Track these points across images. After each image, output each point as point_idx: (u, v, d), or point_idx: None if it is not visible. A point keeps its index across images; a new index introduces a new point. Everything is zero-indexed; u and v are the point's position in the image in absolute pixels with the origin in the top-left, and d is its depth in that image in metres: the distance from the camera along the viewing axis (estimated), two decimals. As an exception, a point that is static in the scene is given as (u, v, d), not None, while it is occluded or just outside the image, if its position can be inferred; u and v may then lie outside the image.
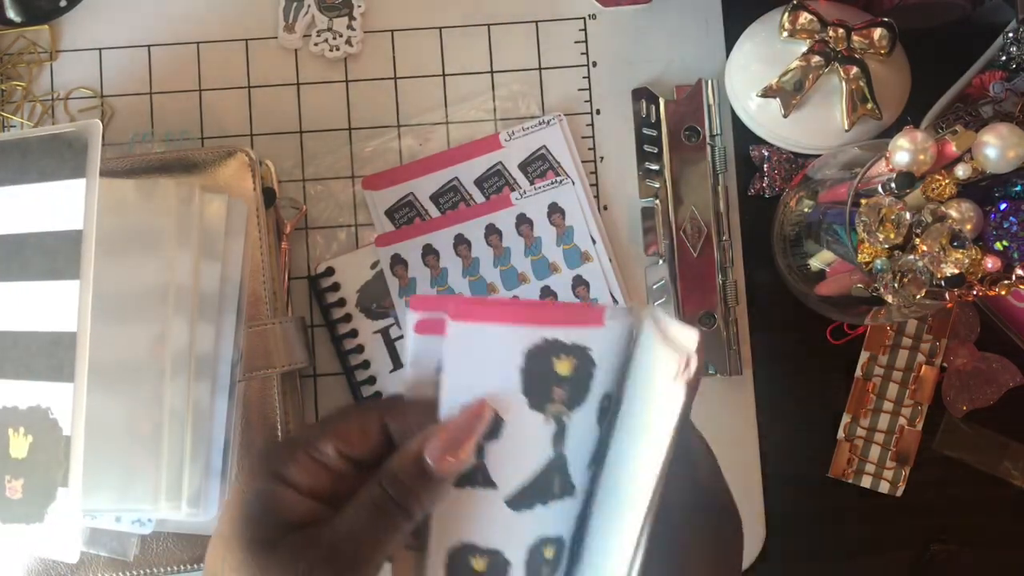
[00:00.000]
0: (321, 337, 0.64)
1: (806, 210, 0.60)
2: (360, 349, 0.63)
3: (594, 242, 0.64)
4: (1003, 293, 0.51)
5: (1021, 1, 0.59)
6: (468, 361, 0.37)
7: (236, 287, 0.58)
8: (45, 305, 0.46)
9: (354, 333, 0.63)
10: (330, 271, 0.64)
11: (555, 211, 0.64)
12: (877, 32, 0.62)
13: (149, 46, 0.66)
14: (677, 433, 0.35)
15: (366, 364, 0.63)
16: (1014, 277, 0.50)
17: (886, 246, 0.52)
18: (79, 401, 0.45)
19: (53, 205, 0.46)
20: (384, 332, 0.63)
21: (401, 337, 0.63)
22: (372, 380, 0.63)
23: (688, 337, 0.35)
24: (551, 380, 0.37)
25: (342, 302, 0.64)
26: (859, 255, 0.53)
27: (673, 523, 0.39)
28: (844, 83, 0.61)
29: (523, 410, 0.37)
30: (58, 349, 0.45)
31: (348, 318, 0.64)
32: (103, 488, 0.52)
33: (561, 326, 0.37)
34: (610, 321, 0.38)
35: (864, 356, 0.64)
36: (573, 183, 0.64)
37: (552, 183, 0.64)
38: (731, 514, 0.43)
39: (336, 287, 0.64)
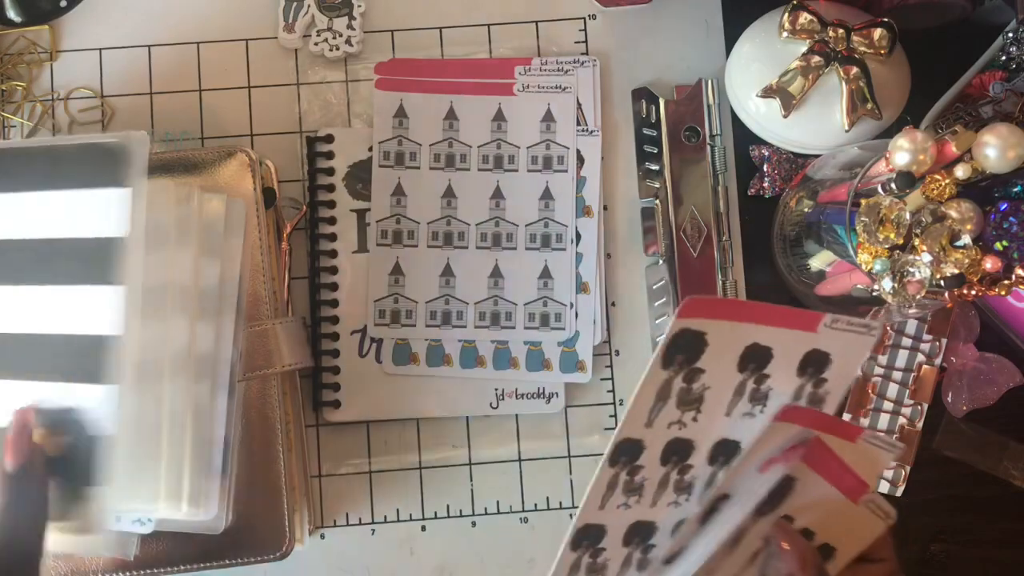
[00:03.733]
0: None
1: (806, 210, 0.60)
2: (333, 221, 0.64)
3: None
4: (1003, 293, 0.51)
5: (1021, 1, 0.59)
6: None
7: (235, 286, 0.58)
8: (77, 309, 0.47)
9: (332, 204, 0.65)
10: (329, 138, 0.65)
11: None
12: (877, 32, 0.62)
13: (149, 46, 0.66)
14: None
15: (333, 236, 0.64)
16: (1014, 277, 0.50)
17: (886, 246, 0.52)
18: (123, 402, 0.46)
19: (90, 212, 0.47)
20: (360, 213, 0.65)
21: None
22: (333, 253, 0.64)
23: None
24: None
25: (331, 171, 0.65)
26: (859, 255, 0.53)
27: None
28: (844, 83, 0.61)
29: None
30: (92, 352, 0.46)
31: (331, 188, 0.65)
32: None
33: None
34: None
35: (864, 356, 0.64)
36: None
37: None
38: None
39: (330, 155, 0.65)
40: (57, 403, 0.47)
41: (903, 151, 0.52)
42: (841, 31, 0.61)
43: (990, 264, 0.50)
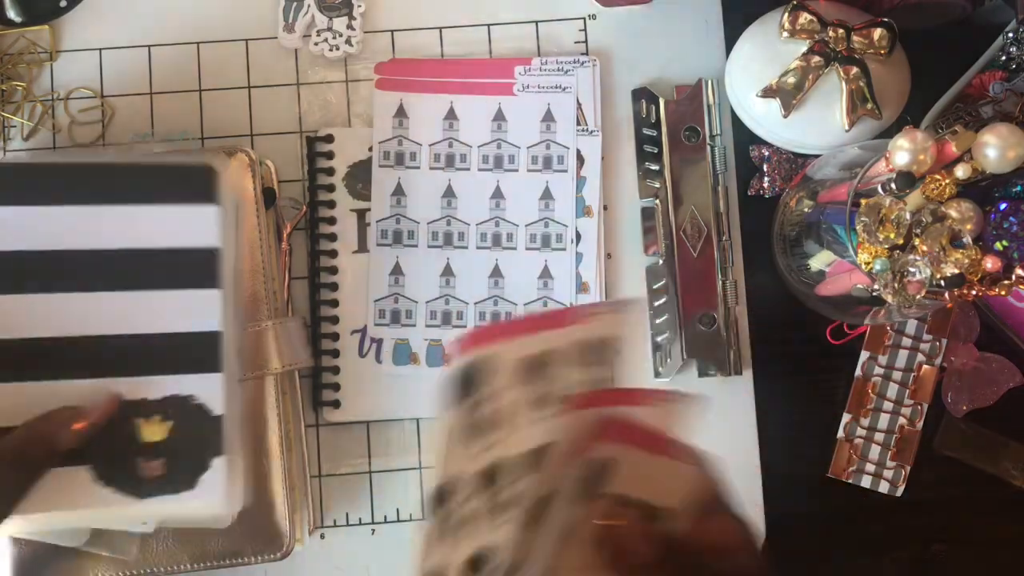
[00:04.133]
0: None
1: (806, 210, 0.60)
2: (333, 221, 0.64)
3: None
4: (1003, 293, 0.51)
5: (1021, 1, 0.60)
6: None
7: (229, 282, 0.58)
8: (183, 310, 0.53)
9: (332, 204, 0.64)
10: (329, 138, 0.65)
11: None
12: (877, 32, 0.62)
13: (149, 46, 0.66)
14: None
15: (333, 236, 0.64)
16: (1014, 277, 0.50)
17: (886, 246, 0.52)
18: (228, 386, 0.54)
19: (187, 225, 0.54)
20: (360, 213, 0.64)
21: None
22: (333, 253, 0.64)
23: None
24: None
25: (331, 171, 0.65)
26: (859, 255, 0.53)
27: None
28: (844, 83, 0.61)
29: None
30: (205, 346, 0.53)
31: (331, 188, 0.65)
32: None
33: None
34: None
35: (864, 356, 0.64)
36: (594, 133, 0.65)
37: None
38: None
39: (330, 155, 0.65)
40: (163, 394, 0.53)
41: (903, 151, 0.52)
42: (841, 31, 0.61)
43: (990, 264, 0.50)
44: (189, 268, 0.54)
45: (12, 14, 0.66)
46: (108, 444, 0.52)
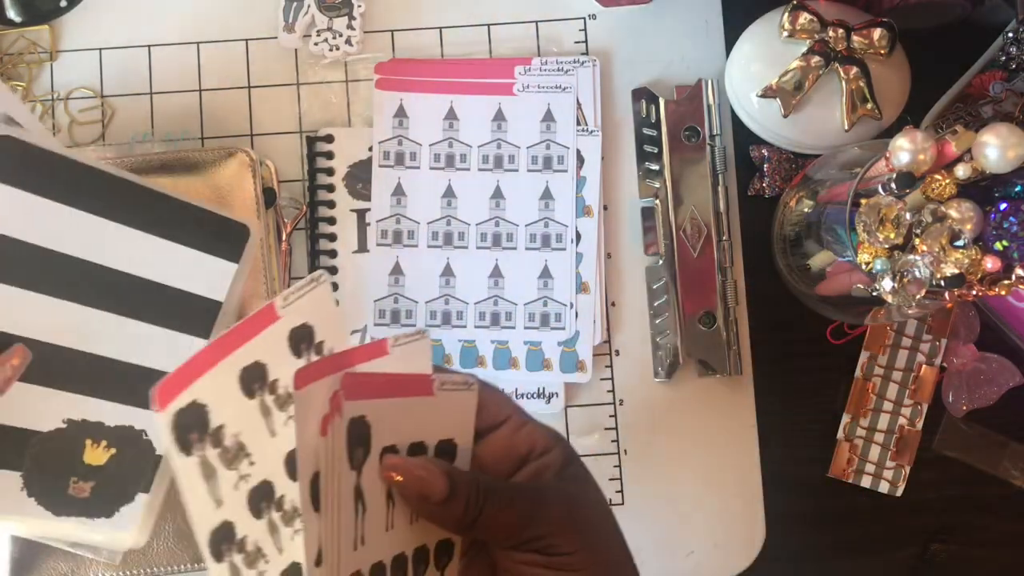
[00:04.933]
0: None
1: (806, 210, 0.60)
2: (333, 221, 0.65)
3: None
4: (1003, 293, 0.51)
5: (1021, 1, 0.59)
6: None
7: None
8: (165, 349, 0.54)
9: (332, 204, 0.65)
10: (329, 138, 0.65)
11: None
12: (877, 32, 0.62)
13: (149, 46, 0.66)
14: None
15: (333, 236, 0.64)
16: (1014, 277, 0.50)
17: (886, 246, 0.52)
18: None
19: (201, 273, 0.55)
20: (360, 213, 0.65)
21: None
22: (333, 253, 0.65)
23: None
24: None
25: (330, 171, 0.65)
26: (859, 255, 0.53)
27: None
28: (844, 83, 0.61)
29: None
30: None
31: (331, 188, 0.65)
32: None
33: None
34: None
35: (864, 356, 0.64)
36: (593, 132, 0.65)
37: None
38: None
39: (330, 155, 0.65)
40: (119, 422, 0.54)
41: (903, 151, 0.52)
42: (841, 31, 0.61)
43: (990, 264, 0.50)
44: (187, 313, 0.55)
45: (12, 14, 0.66)
46: (49, 457, 0.53)
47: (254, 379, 0.40)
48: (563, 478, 0.43)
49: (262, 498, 0.41)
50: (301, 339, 0.41)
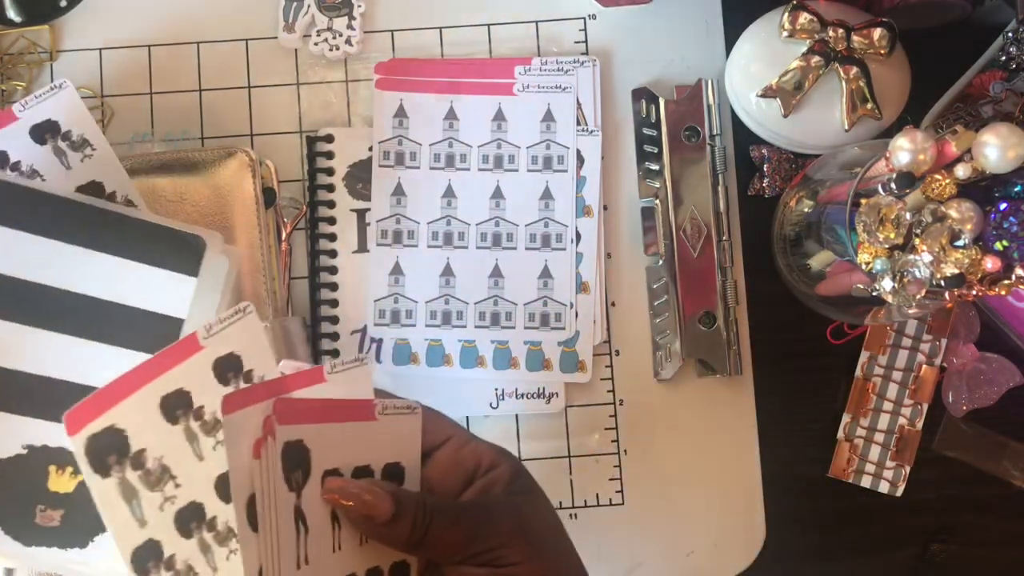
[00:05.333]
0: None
1: (806, 210, 0.60)
2: (333, 221, 0.64)
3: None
4: (1003, 293, 0.51)
5: (1021, 1, 0.59)
6: None
7: None
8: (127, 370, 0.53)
9: (332, 204, 0.64)
10: (329, 138, 0.65)
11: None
12: (877, 32, 0.62)
13: (149, 46, 0.66)
14: None
15: (333, 236, 0.64)
16: (1014, 277, 0.50)
17: (886, 246, 0.52)
18: None
19: (159, 290, 0.54)
20: (360, 213, 0.64)
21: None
22: (333, 253, 0.64)
23: None
24: None
25: (330, 171, 0.65)
26: (859, 255, 0.53)
27: None
28: (844, 83, 0.61)
29: None
30: None
31: (331, 188, 0.65)
32: None
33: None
34: None
35: (864, 356, 0.64)
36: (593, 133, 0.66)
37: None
38: None
39: (330, 155, 0.65)
40: None
41: (903, 151, 0.52)
42: (841, 31, 0.61)
43: (990, 264, 0.50)
44: (146, 331, 0.53)
45: (12, 14, 0.66)
46: (10, 485, 0.52)
47: (176, 406, 0.41)
48: (511, 492, 0.44)
49: (191, 519, 0.41)
50: (228, 368, 0.42)
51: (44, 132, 0.58)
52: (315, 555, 0.40)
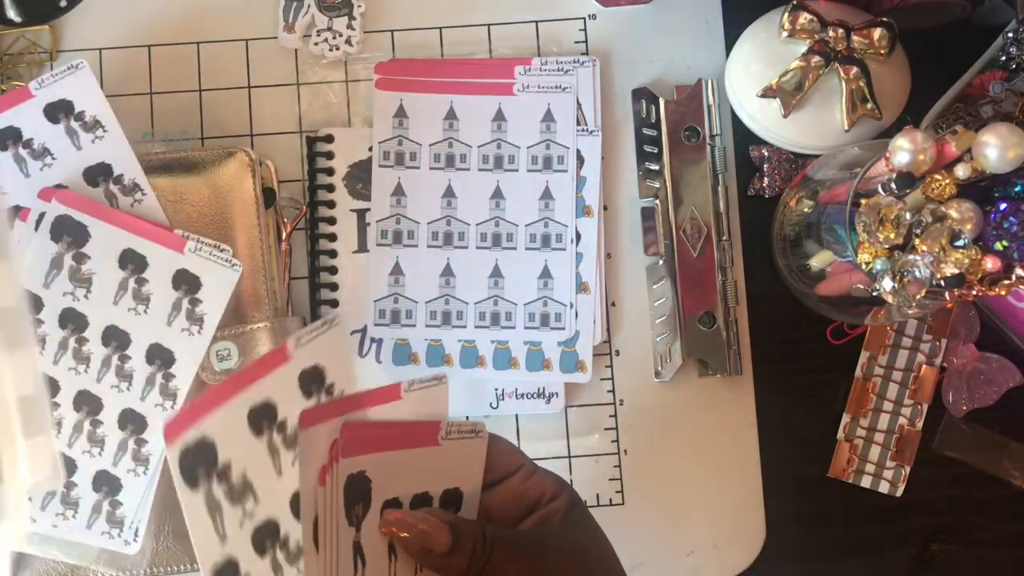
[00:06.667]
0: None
1: (806, 210, 0.60)
2: (333, 221, 0.64)
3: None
4: (1003, 293, 0.51)
5: (1021, 1, 0.60)
6: None
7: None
8: None
9: (332, 204, 0.65)
10: (329, 138, 0.65)
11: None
12: (877, 32, 0.62)
13: (149, 46, 0.66)
14: None
15: (333, 236, 0.64)
16: (1014, 277, 0.50)
17: (886, 246, 0.52)
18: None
19: None
20: (360, 213, 0.64)
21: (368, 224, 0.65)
22: (333, 253, 0.64)
23: None
24: None
25: (330, 171, 0.65)
26: (859, 255, 0.53)
27: None
28: (844, 83, 0.61)
29: None
30: None
31: (331, 188, 0.65)
32: None
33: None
34: None
35: (864, 356, 0.64)
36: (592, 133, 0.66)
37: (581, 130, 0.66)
38: None
39: (330, 155, 0.65)
40: None
41: (903, 151, 0.52)
42: (841, 31, 0.61)
43: (990, 264, 0.50)
44: None
45: (12, 14, 0.66)
46: None
47: (263, 418, 0.40)
48: (567, 523, 0.44)
49: (266, 536, 0.41)
50: (312, 380, 0.41)
51: (58, 111, 0.60)
52: None
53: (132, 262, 0.59)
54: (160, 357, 0.59)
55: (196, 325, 0.59)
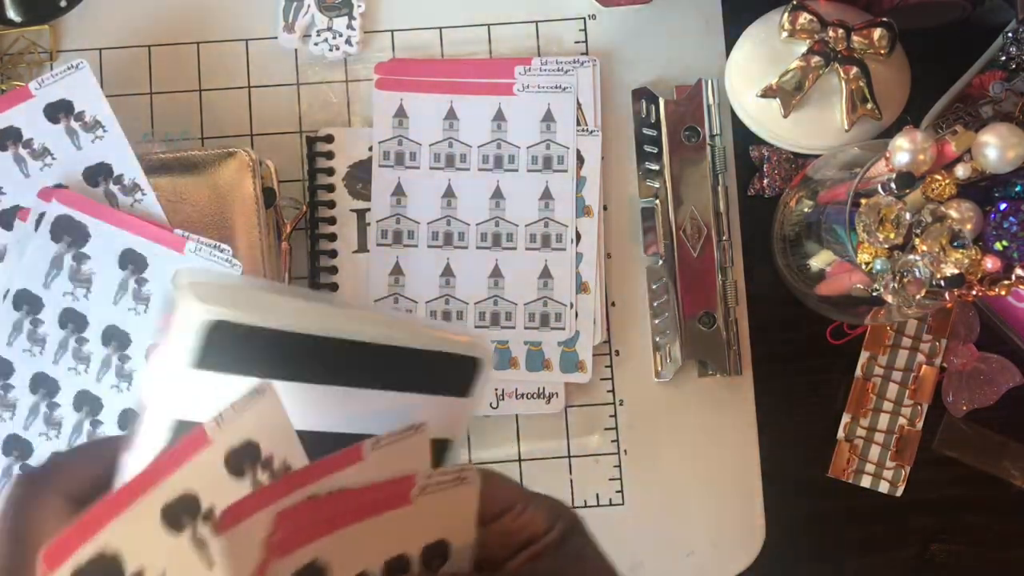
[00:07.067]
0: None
1: (806, 210, 0.60)
2: (333, 221, 0.65)
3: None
4: (1003, 293, 0.51)
5: (1021, 1, 0.59)
6: None
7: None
8: None
9: (332, 204, 0.65)
10: (329, 138, 0.65)
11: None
12: (877, 32, 0.62)
13: (149, 46, 0.66)
14: None
15: (333, 236, 0.64)
16: (1014, 277, 0.50)
17: (886, 246, 0.52)
18: None
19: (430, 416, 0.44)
20: (360, 213, 0.65)
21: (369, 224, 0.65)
22: (333, 253, 0.64)
23: None
24: None
25: (330, 171, 0.65)
26: (859, 255, 0.53)
27: None
28: (844, 83, 0.61)
29: None
30: None
31: (331, 188, 0.65)
32: None
33: None
34: None
35: (864, 356, 0.64)
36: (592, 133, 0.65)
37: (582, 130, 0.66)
38: None
39: (330, 155, 0.65)
40: None
41: (903, 151, 0.52)
42: (841, 31, 0.61)
43: (990, 264, 0.50)
44: None
45: (12, 14, 0.66)
46: None
47: (182, 512, 0.34)
48: (561, 555, 0.42)
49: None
50: (244, 458, 0.35)
51: (58, 111, 0.60)
52: None
53: (132, 262, 0.59)
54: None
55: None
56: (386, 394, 0.39)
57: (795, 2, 0.62)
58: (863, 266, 0.53)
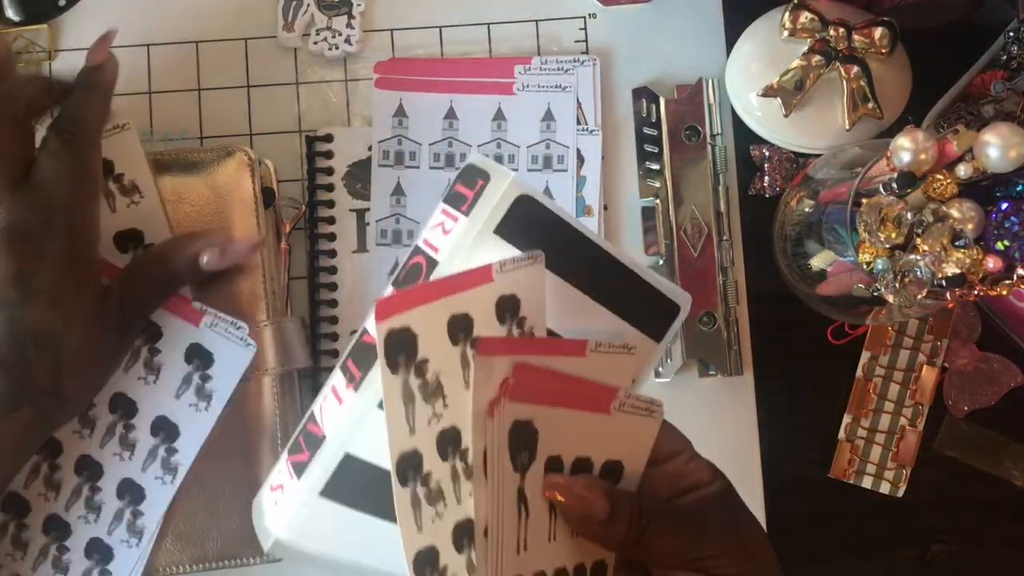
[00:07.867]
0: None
1: (807, 210, 0.60)
2: (332, 221, 0.64)
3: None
4: (1004, 293, 0.51)
5: (1022, 1, 0.59)
6: None
7: None
8: None
9: (331, 204, 0.64)
10: (329, 138, 0.65)
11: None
12: (878, 31, 0.62)
13: (148, 45, 0.66)
14: None
15: (332, 236, 0.64)
16: (1015, 277, 0.50)
17: (887, 246, 0.52)
18: None
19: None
20: (360, 213, 0.64)
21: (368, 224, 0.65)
22: (333, 253, 0.64)
23: None
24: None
25: (330, 171, 0.65)
26: (860, 255, 0.53)
27: None
28: (845, 82, 0.61)
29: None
30: None
31: (331, 188, 0.65)
32: None
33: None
34: None
35: (865, 356, 0.64)
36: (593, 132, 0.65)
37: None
38: None
39: (329, 155, 0.65)
40: None
41: (904, 151, 0.51)
42: (842, 30, 0.61)
43: (991, 264, 0.50)
44: None
45: (11, 13, 0.66)
46: None
47: (459, 328, 0.40)
48: (723, 506, 0.44)
49: (449, 442, 0.40)
50: (507, 307, 0.41)
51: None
52: (533, 542, 0.40)
53: (146, 330, 0.58)
54: (165, 429, 0.58)
55: (204, 402, 0.58)
56: (610, 315, 0.45)
57: (796, 1, 0.62)
58: (864, 266, 0.52)
